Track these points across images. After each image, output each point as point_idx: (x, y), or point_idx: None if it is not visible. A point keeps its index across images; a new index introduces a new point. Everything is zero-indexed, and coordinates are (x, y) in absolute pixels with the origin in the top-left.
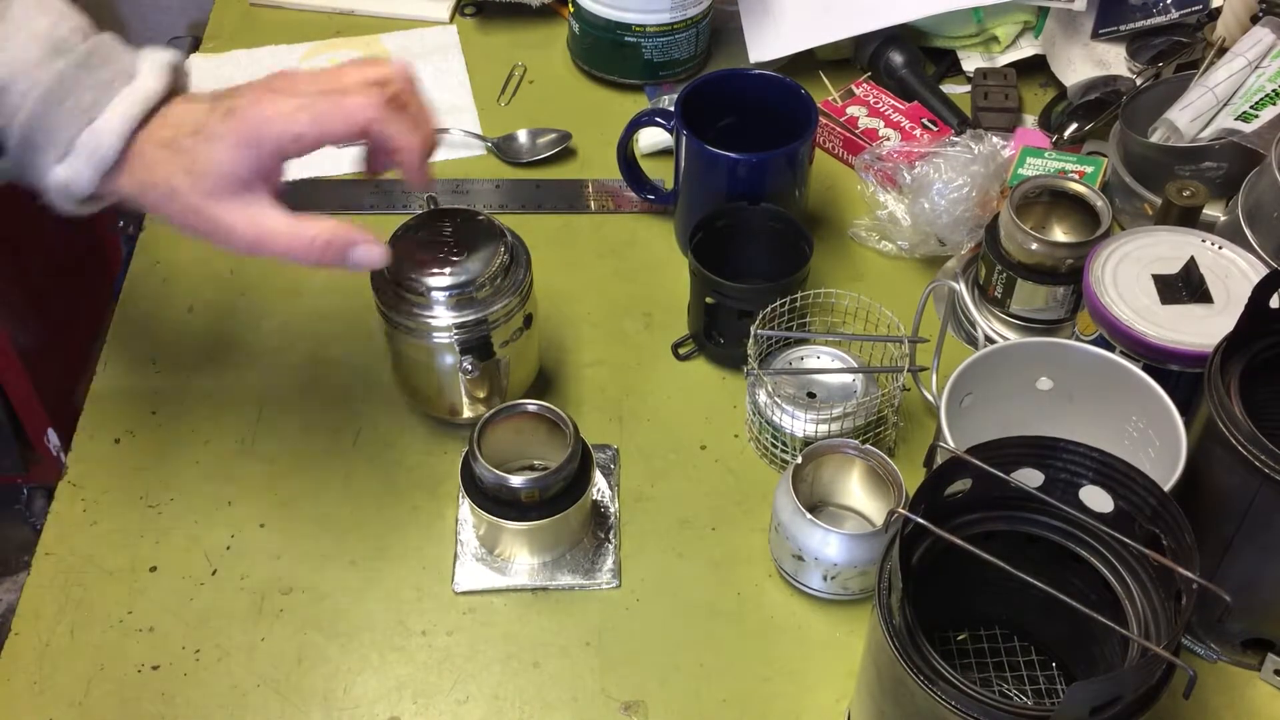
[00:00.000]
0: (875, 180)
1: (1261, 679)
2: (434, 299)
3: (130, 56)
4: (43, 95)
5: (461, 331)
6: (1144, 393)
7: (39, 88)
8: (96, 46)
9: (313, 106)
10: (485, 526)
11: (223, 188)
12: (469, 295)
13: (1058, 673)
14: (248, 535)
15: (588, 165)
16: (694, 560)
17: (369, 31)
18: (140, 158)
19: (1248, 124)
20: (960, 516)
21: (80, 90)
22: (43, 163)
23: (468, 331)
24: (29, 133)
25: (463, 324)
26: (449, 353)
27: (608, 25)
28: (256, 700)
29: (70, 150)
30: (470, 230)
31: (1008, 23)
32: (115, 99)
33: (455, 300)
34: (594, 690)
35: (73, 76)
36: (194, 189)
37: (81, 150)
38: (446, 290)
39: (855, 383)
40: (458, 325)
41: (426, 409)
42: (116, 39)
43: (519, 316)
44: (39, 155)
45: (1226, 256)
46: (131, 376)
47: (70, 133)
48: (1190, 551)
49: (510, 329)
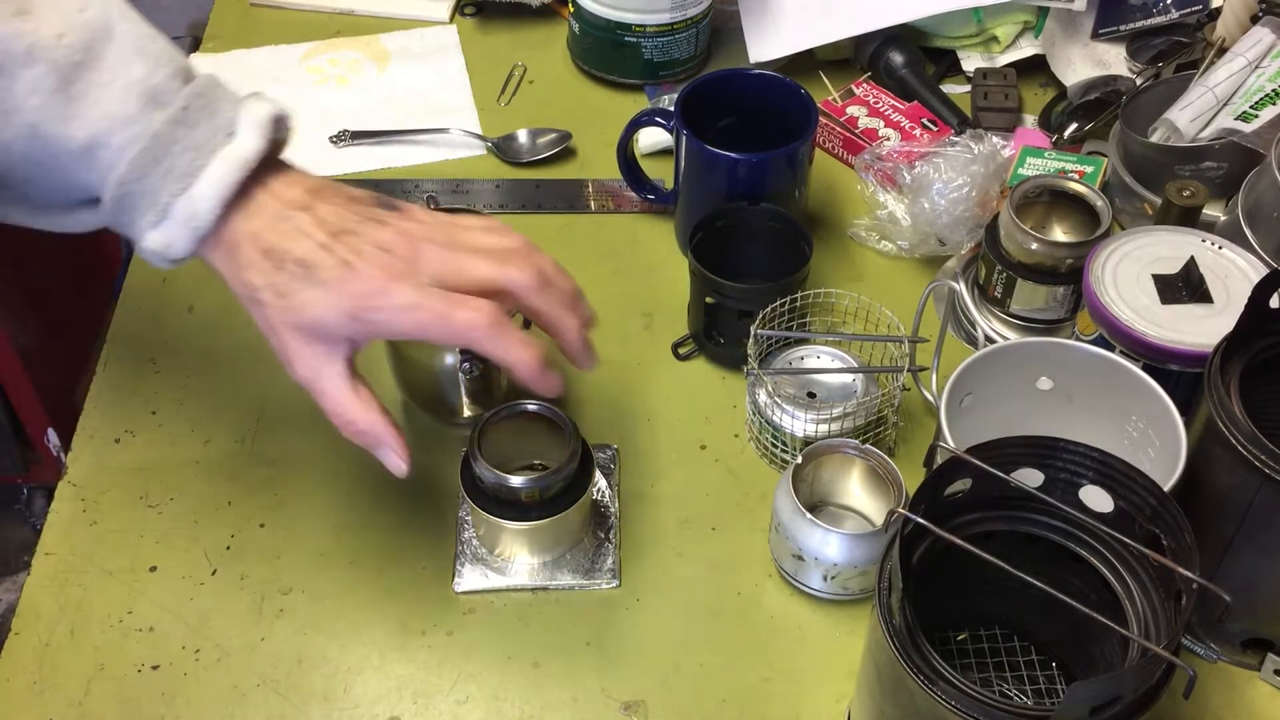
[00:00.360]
0: (875, 180)
1: (1261, 679)
2: None
3: (229, 108)
4: (138, 155)
5: None
6: (1144, 393)
7: (135, 146)
8: (194, 96)
9: (424, 311)
10: (485, 526)
11: (308, 331)
12: None
13: (1058, 673)
14: (248, 535)
15: (588, 165)
16: (694, 560)
17: (369, 31)
18: (239, 250)
19: (1248, 124)
20: (960, 516)
21: (177, 151)
22: (138, 224)
23: None
24: (123, 193)
25: None
26: (449, 353)
27: (608, 25)
28: (256, 700)
29: (166, 216)
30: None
31: (1008, 23)
32: (213, 162)
33: None
34: (594, 690)
35: (169, 134)
36: (281, 314)
37: (177, 217)
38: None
39: (855, 383)
40: None
41: (426, 409)
42: (215, 81)
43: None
44: (134, 216)
45: (1226, 256)
46: (131, 376)
47: (165, 198)
48: (1190, 551)
49: None
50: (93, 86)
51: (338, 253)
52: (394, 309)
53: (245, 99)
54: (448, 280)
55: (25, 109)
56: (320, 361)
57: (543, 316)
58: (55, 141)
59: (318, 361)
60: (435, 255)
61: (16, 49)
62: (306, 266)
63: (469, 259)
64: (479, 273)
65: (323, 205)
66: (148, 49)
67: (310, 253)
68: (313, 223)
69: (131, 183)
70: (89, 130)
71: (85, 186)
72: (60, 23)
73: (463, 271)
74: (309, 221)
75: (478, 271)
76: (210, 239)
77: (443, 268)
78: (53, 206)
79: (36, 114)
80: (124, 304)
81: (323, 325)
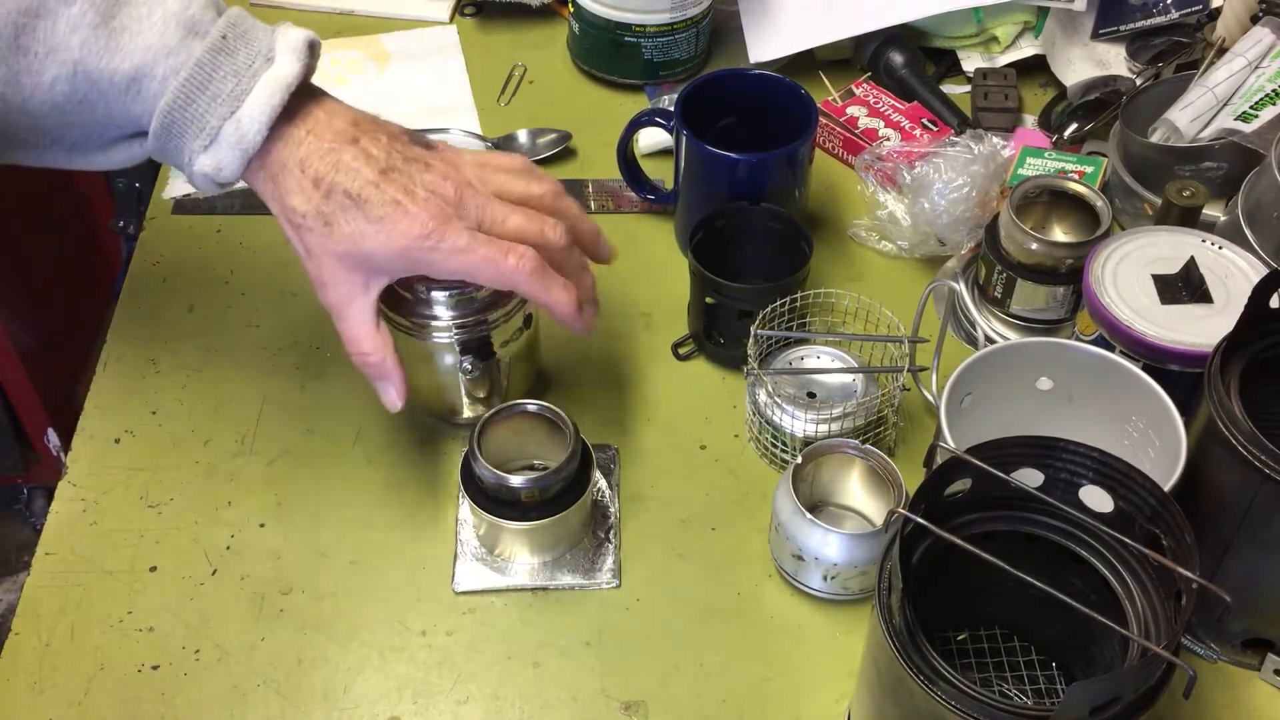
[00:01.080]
0: (875, 180)
1: (1261, 679)
2: (434, 299)
3: (265, 36)
4: (183, 83)
5: (461, 331)
6: (1144, 393)
7: (179, 74)
8: (230, 25)
9: (471, 252)
10: (485, 526)
11: (350, 260)
12: (469, 296)
13: (1058, 673)
14: (248, 535)
15: (588, 165)
16: (694, 560)
17: (369, 31)
18: (285, 173)
19: (1248, 124)
20: (960, 516)
21: (220, 76)
22: (187, 149)
23: (468, 331)
24: (170, 121)
25: (463, 324)
26: (449, 353)
27: (608, 25)
28: (256, 700)
29: (215, 139)
30: None
31: (1008, 23)
32: (257, 85)
33: (455, 300)
34: (594, 690)
35: (211, 62)
36: (324, 240)
37: (225, 140)
38: (446, 291)
39: (855, 383)
40: (458, 325)
41: (426, 409)
42: (245, 14)
43: (519, 317)
44: (182, 141)
45: (1226, 256)
46: (131, 376)
47: (214, 122)
48: (1190, 551)
49: (510, 329)
50: (131, 20)
51: (387, 190)
52: (446, 250)
53: (277, 27)
54: (490, 228)
55: (68, 46)
56: (355, 290)
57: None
58: (100, 76)
59: (352, 289)
60: (477, 201)
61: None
62: (357, 201)
63: (508, 210)
64: (517, 224)
65: (367, 139)
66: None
67: (362, 187)
68: (361, 156)
69: (179, 110)
70: (132, 62)
71: (129, 119)
72: None
73: (504, 221)
74: (357, 155)
75: (516, 222)
76: (256, 161)
77: (484, 214)
78: (90, 145)
79: (80, 50)
80: (124, 304)
81: (370, 259)
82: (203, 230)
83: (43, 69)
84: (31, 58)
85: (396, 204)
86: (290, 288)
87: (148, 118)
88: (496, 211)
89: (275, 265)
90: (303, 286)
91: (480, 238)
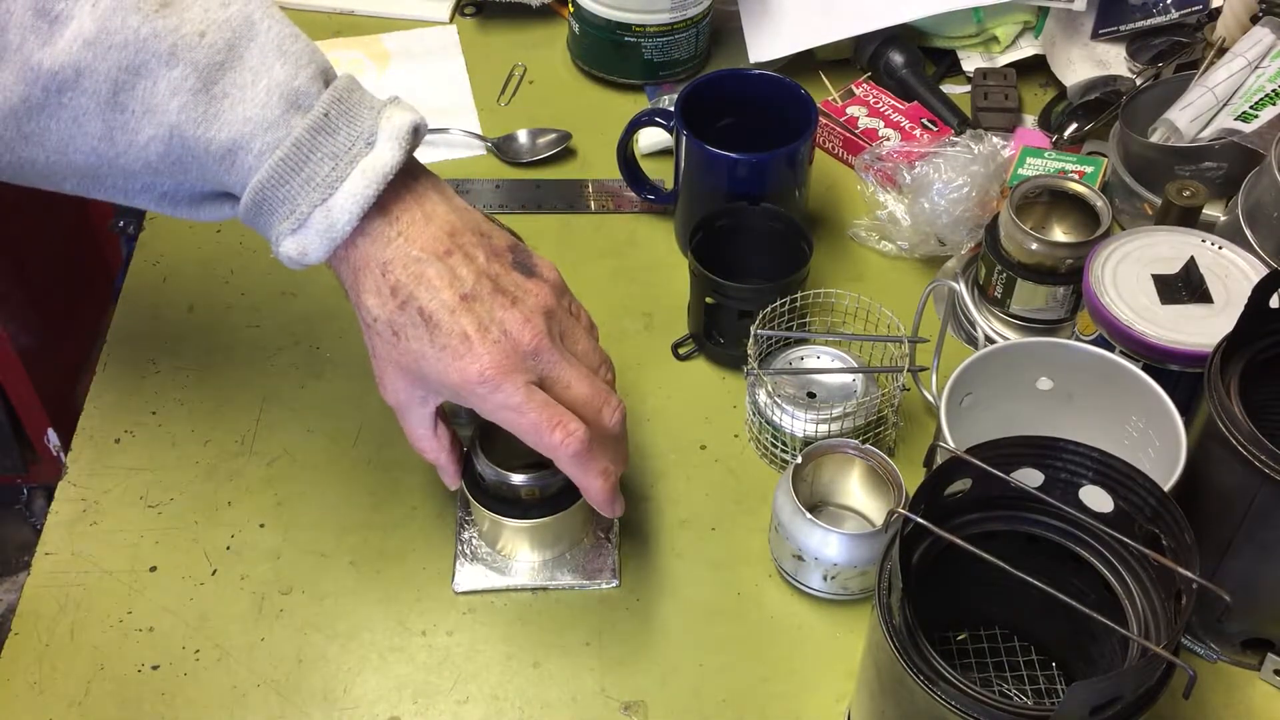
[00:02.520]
0: (875, 180)
1: (1261, 679)
2: None
3: (369, 115)
4: (279, 162)
5: None
6: (1144, 393)
7: (276, 152)
8: (334, 101)
9: (521, 414)
10: (487, 524)
11: (409, 375)
12: None
13: (1058, 673)
14: (248, 535)
15: (588, 165)
16: (694, 560)
17: (369, 31)
18: (365, 271)
19: (1248, 124)
20: (960, 516)
21: (317, 159)
22: (275, 227)
23: None
24: (261, 199)
25: None
26: None
27: (608, 25)
28: (256, 700)
29: (304, 224)
30: None
31: (1008, 23)
32: (353, 173)
33: None
34: (594, 690)
35: (310, 142)
36: (390, 349)
37: (315, 226)
38: None
39: (855, 383)
40: None
41: None
42: (354, 83)
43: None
44: (271, 221)
45: (1226, 256)
46: (131, 376)
47: (304, 208)
48: (1190, 551)
49: None
50: (234, 88)
51: (461, 321)
52: (496, 403)
53: (385, 106)
54: (551, 388)
55: (166, 109)
56: (413, 401)
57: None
58: (195, 143)
59: (410, 400)
60: (550, 358)
61: (160, 48)
62: (429, 321)
63: (577, 377)
64: (581, 394)
65: (459, 255)
66: (289, 49)
67: (437, 309)
68: (446, 275)
69: (271, 189)
70: (229, 133)
71: (222, 185)
72: (203, 19)
73: (568, 387)
74: (443, 272)
75: (581, 393)
76: (342, 250)
77: (552, 372)
78: (180, 198)
79: (177, 115)
80: (124, 304)
81: (426, 380)
82: (203, 230)
83: (139, 128)
84: (129, 115)
85: (465, 338)
86: (290, 288)
87: (241, 188)
88: (565, 375)
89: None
90: (303, 287)
91: (536, 399)
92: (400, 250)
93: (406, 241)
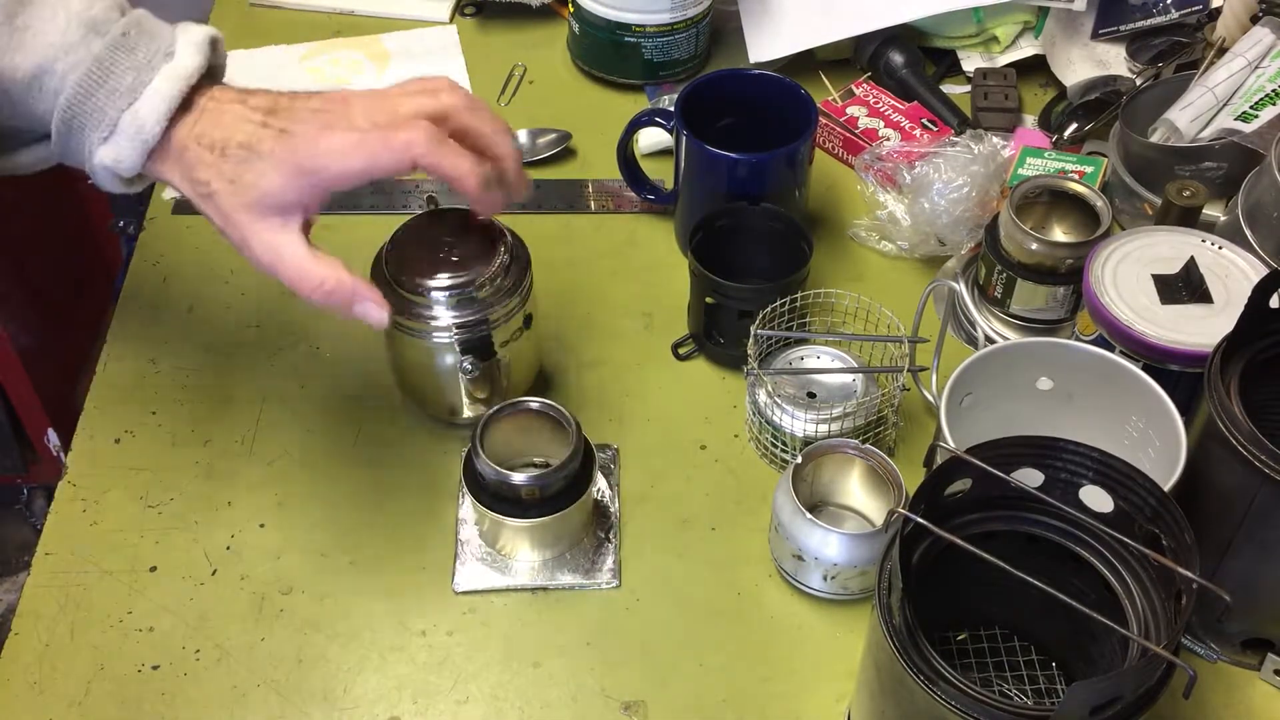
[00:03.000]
0: (875, 180)
1: (1261, 679)
2: (434, 299)
3: (167, 33)
4: (82, 77)
5: (461, 331)
6: (1144, 393)
7: (78, 70)
8: (132, 24)
9: (365, 144)
10: (487, 523)
11: (260, 207)
12: (469, 295)
13: (1058, 673)
14: (248, 535)
15: (588, 165)
16: (694, 560)
17: (369, 31)
18: (186, 151)
19: (1248, 124)
20: (960, 516)
21: (119, 71)
22: (86, 144)
23: (468, 331)
24: (70, 115)
25: (463, 324)
26: (449, 353)
27: (608, 25)
28: (256, 700)
29: (114, 131)
30: (470, 230)
31: (1008, 23)
32: (155, 78)
33: (455, 300)
34: (594, 690)
35: (110, 57)
36: (232, 199)
37: (124, 131)
38: (446, 290)
39: (855, 383)
40: (458, 325)
41: (426, 409)
42: (149, 15)
43: (519, 316)
44: (82, 137)
45: (1226, 256)
46: (131, 376)
47: (112, 114)
48: (1190, 551)
49: (510, 329)
50: (35, 19)
51: (274, 125)
52: (337, 151)
53: (180, 25)
54: (380, 120)
55: None
56: (275, 234)
57: (478, 136)
58: (2, 73)
59: (272, 235)
60: (365, 103)
61: None
62: (248, 147)
63: (398, 99)
64: (409, 107)
65: (255, 97)
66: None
67: (250, 134)
68: (248, 109)
69: (78, 104)
70: (34, 59)
71: (34, 119)
72: None
73: (394, 110)
74: (244, 110)
75: (408, 106)
76: (159, 151)
77: (373, 109)
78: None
79: None
80: (124, 304)
81: (272, 194)
82: (203, 230)
83: None
84: None
85: (283, 133)
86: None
87: (49, 114)
88: (386, 104)
89: None
90: None
91: (370, 128)
92: (206, 121)
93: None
